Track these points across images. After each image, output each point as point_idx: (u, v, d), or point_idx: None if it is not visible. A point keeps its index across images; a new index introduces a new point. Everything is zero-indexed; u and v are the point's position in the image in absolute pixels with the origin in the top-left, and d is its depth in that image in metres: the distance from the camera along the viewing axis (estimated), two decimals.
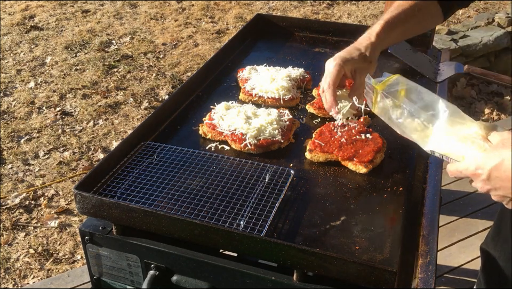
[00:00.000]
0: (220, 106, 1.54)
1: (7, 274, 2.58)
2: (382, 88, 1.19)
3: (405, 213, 1.20)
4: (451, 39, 4.18)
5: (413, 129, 1.14)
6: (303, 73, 1.77)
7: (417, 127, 1.13)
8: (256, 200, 1.20)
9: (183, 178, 1.28)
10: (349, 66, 1.35)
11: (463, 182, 3.01)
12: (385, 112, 1.19)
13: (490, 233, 1.82)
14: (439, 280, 2.43)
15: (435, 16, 1.47)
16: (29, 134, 3.65)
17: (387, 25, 1.40)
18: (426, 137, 1.11)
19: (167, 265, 1.13)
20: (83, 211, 1.15)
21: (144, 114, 3.87)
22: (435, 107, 1.10)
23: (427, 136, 1.11)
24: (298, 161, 1.39)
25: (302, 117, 1.60)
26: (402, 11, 1.41)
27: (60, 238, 2.81)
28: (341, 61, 1.34)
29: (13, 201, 3.03)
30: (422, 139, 1.13)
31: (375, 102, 1.22)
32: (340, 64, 1.33)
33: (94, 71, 4.45)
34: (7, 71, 4.48)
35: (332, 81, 1.34)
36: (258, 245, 1.03)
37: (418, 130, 1.13)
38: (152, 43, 4.98)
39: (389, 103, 1.17)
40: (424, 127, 1.11)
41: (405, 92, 1.16)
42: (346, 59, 1.35)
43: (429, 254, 1.07)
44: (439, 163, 1.36)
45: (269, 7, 5.83)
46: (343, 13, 5.64)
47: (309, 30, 2.19)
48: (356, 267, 0.96)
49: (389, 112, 1.18)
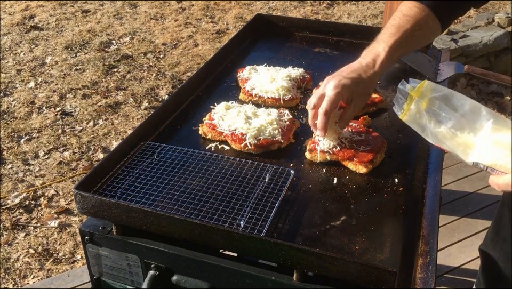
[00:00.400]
0: (219, 106, 1.54)
1: (7, 274, 2.58)
2: (418, 95, 1.10)
3: (405, 213, 1.20)
4: (451, 39, 4.19)
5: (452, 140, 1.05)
6: (303, 73, 1.77)
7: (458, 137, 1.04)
8: (256, 200, 1.20)
9: (183, 178, 1.28)
10: (348, 94, 1.29)
11: (463, 182, 3.01)
12: (418, 121, 1.10)
13: (488, 234, 1.82)
14: (439, 280, 2.43)
15: (434, 31, 1.43)
16: (29, 134, 3.65)
17: (390, 51, 1.33)
18: (468, 148, 1.03)
19: (167, 265, 1.13)
20: (83, 211, 1.15)
21: (144, 114, 3.87)
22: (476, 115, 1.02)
23: (469, 147, 1.02)
24: (298, 161, 1.39)
25: (302, 117, 1.60)
26: (404, 34, 1.35)
27: (60, 238, 2.81)
28: (342, 89, 1.27)
29: (13, 201, 3.03)
30: (463, 151, 1.03)
31: (407, 109, 1.13)
32: (340, 92, 1.26)
33: (94, 71, 4.45)
34: (7, 71, 4.48)
35: (329, 108, 1.26)
36: (258, 245, 1.03)
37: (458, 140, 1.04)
38: (152, 43, 4.98)
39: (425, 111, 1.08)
40: (466, 137, 1.03)
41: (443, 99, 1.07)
42: (348, 87, 1.28)
43: (429, 254, 1.07)
44: (439, 163, 1.36)
45: (269, 7, 5.83)
46: (343, 13, 5.64)
47: (309, 30, 2.19)
48: (355, 267, 0.96)
49: (422, 120, 1.09)
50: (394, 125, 1.55)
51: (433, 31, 1.43)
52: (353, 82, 1.29)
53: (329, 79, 1.30)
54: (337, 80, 1.28)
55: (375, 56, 1.34)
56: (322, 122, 1.28)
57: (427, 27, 1.38)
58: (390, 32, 1.36)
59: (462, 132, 1.04)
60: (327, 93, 1.28)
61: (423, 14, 1.36)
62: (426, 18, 1.37)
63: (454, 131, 1.05)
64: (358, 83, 1.30)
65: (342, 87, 1.27)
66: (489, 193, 2.92)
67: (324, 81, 1.32)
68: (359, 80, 1.30)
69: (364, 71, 1.32)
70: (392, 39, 1.34)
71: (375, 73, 1.33)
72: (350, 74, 1.30)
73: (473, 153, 1.02)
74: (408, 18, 1.36)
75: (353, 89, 1.29)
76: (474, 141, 1.02)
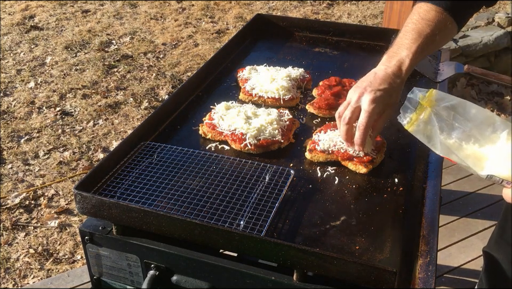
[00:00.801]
0: (220, 106, 1.54)
1: (7, 274, 2.58)
2: (429, 104, 1.06)
3: (405, 213, 1.20)
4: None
5: (463, 151, 1.01)
6: (303, 73, 1.77)
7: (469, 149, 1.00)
8: (256, 200, 1.20)
9: (183, 178, 1.28)
10: (383, 107, 1.27)
11: (463, 182, 3.01)
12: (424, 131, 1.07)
13: (493, 236, 1.82)
14: (439, 280, 2.43)
15: (452, 33, 1.41)
16: (29, 134, 3.65)
17: (414, 58, 1.31)
18: (481, 160, 0.98)
19: (167, 265, 1.13)
20: (83, 211, 1.15)
21: (144, 114, 3.87)
22: (490, 126, 0.98)
23: (481, 159, 0.98)
24: (298, 161, 1.39)
25: (302, 117, 1.60)
26: (425, 38, 1.32)
27: (60, 238, 2.81)
28: (378, 103, 1.24)
29: (13, 201, 3.03)
30: (475, 162, 0.99)
31: (415, 119, 1.09)
32: (378, 106, 1.24)
33: (94, 71, 4.45)
34: (7, 71, 4.48)
35: (369, 123, 1.24)
36: (258, 245, 1.03)
37: (470, 151, 1.00)
38: (152, 43, 4.98)
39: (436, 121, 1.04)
40: (478, 148, 0.99)
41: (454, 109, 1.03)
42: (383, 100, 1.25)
43: (429, 254, 1.06)
44: (439, 163, 1.36)
45: (269, 7, 5.83)
46: (343, 13, 5.64)
47: (309, 30, 2.19)
48: (355, 267, 0.96)
49: (431, 130, 1.05)
50: (394, 125, 1.54)
51: (451, 33, 1.41)
52: (386, 94, 1.26)
53: (362, 91, 1.26)
54: (373, 94, 1.25)
55: (400, 64, 1.30)
56: (362, 138, 1.26)
57: (446, 30, 1.36)
58: (412, 38, 1.32)
59: (474, 143, 1.00)
60: (364, 107, 1.25)
61: (441, 17, 1.34)
62: (445, 22, 1.35)
63: (466, 142, 1.01)
64: (391, 94, 1.28)
65: (378, 101, 1.24)
66: (489, 193, 2.92)
67: (353, 92, 1.28)
68: (390, 90, 1.27)
69: (393, 80, 1.29)
70: (415, 45, 1.31)
71: (402, 81, 1.31)
72: (382, 85, 1.27)
73: (488, 166, 0.98)
74: (428, 23, 1.33)
75: (387, 101, 1.27)
76: (487, 152, 0.98)
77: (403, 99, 1.16)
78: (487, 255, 1.84)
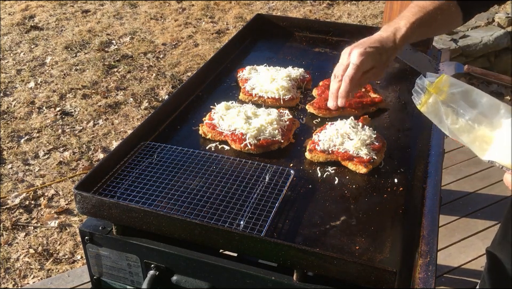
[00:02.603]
0: (219, 106, 1.54)
1: (7, 274, 2.58)
2: (437, 91, 1.08)
3: (405, 213, 1.20)
4: (451, 39, 4.18)
5: (470, 136, 1.03)
6: (303, 73, 1.77)
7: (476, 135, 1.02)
8: (256, 200, 1.20)
9: (183, 178, 1.28)
10: (372, 63, 1.29)
11: (463, 182, 3.01)
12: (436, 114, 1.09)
13: (497, 236, 1.83)
14: (439, 280, 2.43)
15: (456, 19, 1.43)
16: (29, 134, 3.65)
17: (411, 27, 1.34)
18: (486, 145, 1.00)
19: (167, 265, 1.13)
20: (83, 211, 1.15)
21: (144, 114, 3.87)
22: (495, 113, 0.99)
23: (487, 145, 1.00)
24: (298, 161, 1.39)
25: (302, 117, 1.60)
26: (426, 14, 1.36)
27: (60, 238, 2.81)
28: (367, 57, 1.27)
29: (13, 201, 3.03)
30: (480, 148, 1.01)
31: (425, 102, 1.10)
32: (366, 60, 1.26)
33: (94, 71, 4.45)
34: (7, 71, 4.48)
35: (355, 75, 1.26)
36: (258, 245, 1.03)
37: (476, 138, 1.02)
38: (152, 43, 4.98)
39: (443, 106, 1.06)
40: (484, 134, 1.00)
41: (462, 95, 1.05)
42: (373, 56, 1.28)
43: (429, 254, 1.06)
44: (439, 163, 1.36)
45: (269, 7, 5.83)
46: (343, 13, 5.64)
47: (309, 30, 2.19)
48: (355, 267, 0.96)
49: (441, 114, 1.07)
50: (394, 125, 1.55)
51: (455, 18, 1.43)
52: (376, 51, 1.29)
53: (352, 48, 1.30)
54: (363, 48, 1.28)
55: (395, 30, 1.34)
56: (347, 89, 1.28)
57: (450, 13, 1.39)
58: (412, 11, 1.37)
59: (478, 129, 1.02)
60: (352, 60, 1.27)
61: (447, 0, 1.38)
62: (449, 4, 1.38)
63: (471, 125, 1.03)
64: (381, 53, 1.31)
65: (367, 55, 1.27)
66: (489, 193, 2.92)
67: (346, 51, 1.31)
68: (382, 50, 1.31)
69: (385, 42, 1.32)
70: (414, 16, 1.35)
71: (395, 47, 1.33)
72: (374, 44, 1.30)
73: (490, 152, 1.00)
74: (432, 2, 1.37)
75: (377, 58, 1.30)
76: (492, 138, 1.00)
77: None
78: (490, 254, 1.84)
